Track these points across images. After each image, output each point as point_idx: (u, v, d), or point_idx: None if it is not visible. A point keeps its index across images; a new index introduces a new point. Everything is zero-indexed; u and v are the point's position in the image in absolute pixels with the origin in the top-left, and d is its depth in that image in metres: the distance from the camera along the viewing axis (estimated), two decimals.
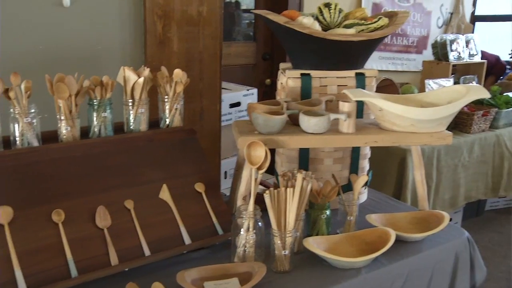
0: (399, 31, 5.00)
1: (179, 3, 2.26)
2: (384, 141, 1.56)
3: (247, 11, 4.12)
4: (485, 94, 1.58)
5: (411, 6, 5.06)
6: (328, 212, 1.58)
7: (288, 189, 1.37)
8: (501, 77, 4.99)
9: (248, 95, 2.84)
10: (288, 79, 1.73)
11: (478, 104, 3.45)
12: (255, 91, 2.86)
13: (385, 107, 1.53)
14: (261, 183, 1.91)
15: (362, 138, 1.55)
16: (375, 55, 4.93)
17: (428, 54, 4.52)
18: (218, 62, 2.49)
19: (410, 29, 5.11)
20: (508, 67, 5.06)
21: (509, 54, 5.95)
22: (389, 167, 2.93)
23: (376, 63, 4.91)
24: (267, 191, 1.35)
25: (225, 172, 2.79)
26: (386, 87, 3.10)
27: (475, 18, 8.36)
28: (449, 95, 1.65)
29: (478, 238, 3.52)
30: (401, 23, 1.74)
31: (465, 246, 1.69)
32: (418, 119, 1.54)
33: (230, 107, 2.78)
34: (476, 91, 1.59)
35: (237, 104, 2.81)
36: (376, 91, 2.92)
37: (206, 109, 2.50)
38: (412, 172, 2.80)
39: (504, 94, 3.69)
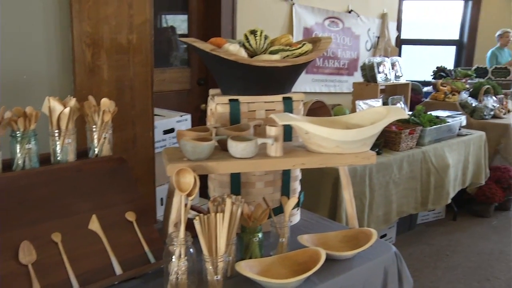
0: (331, 54, 5.19)
1: (108, 31, 2.24)
2: (311, 163, 1.61)
3: (184, 35, 4.15)
4: (403, 115, 1.67)
5: (340, 31, 5.27)
6: (260, 235, 1.60)
7: (218, 214, 1.39)
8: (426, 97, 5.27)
9: (182, 121, 2.84)
10: (217, 105, 1.76)
11: (405, 123, 3.61)
12: (189, 117, 2.86)
13: (311, 130, 1.58)
14: (196, 209, 1.92)
15: (289, 161, 1.59)
16: (308, 77, 5.07)
17: (358, 76, 4.70)
18: (149, 89, 2.48)
19: (341, 52, 5.31)
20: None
21: (431, 76, 6.30)
22: (324, 188, 3.00)
23: (310, 86, 5.06)
24: (197, 217, 1.36)
25: (161, 199, 2.76)
26: (318, 109, 3.19)
27: (401, 42, 8.80)
28: (371, 116, 1.73)
29: (411, 250, 3.67)
30: (324, 48, 1.81)
31: (393, 260, 1.75)
32: (343, 140, 1.60)
33: (164, 134, 2.76)
34: (395, 112, 1.67)
35: (171, 130, 2.80)
36: (309, 113, 3.03)
37: (139, 136, 2.47)
38: None
39: (428, 113, 3.89)
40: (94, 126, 1.60)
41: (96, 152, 1.62)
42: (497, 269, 3.44)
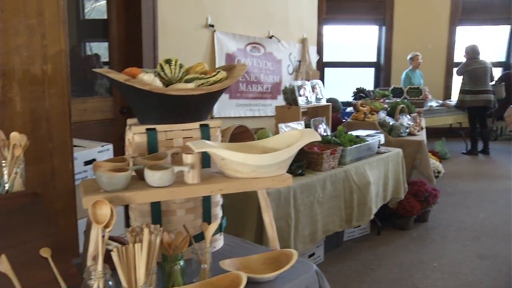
0: (254, 79, 5.30)
1: (19, 62, 2.19)
2: (228, 189, 1.64)
3: (107, 63, 4.10)
4: (316, 138, 1.74)
5: (262, 56, 5.40)
6: (181, 262, 1.60)
7: (136, 244, 1.38)
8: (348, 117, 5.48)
9: (103, 151, 2.80)
10: (134, 135, 1.76)
11: (327, 143, 3.75)
12: (110, 146, 2.82)
13: (227, 156, 1.62)
14: (118, 240, 1.88)
15: (207, 187, 1.61)
16: (233, 102, 5.15)
17: (282, 99, 4.82)
18: (67, 120, 2.43)
19: (263, 76, 5.44)
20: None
21: (352, 96, 6.57)
22: (249, 211, 3.04)
23: (234, 110, 5.13)
24: (114, 249, 1.34)
25: (84, 232, 2.68)
26: (242, 133, 3.24)
27: (323, 65, 9.15)
28: (287, 140, 1.79)
29: (339, 267, 3.76)
30: (239, 75, 1.87)
31: (314, 279, 1.80)
32: (258, 165, 1.65)
33: (85, 165, 2.71)
34: (308, 135, 1.74)
35: (93, 161, 2.75)
36: (232, 138, 3.07)
37: (58, 169, 2.41)
38: None
39: (348, 133, 4.05)
40: (3, 161, 1.55)
41: (6, 188, 1.57)
42: (416, 278, 3.60)
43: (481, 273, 3.69)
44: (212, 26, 4.89)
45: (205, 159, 1.82)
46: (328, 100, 4.71)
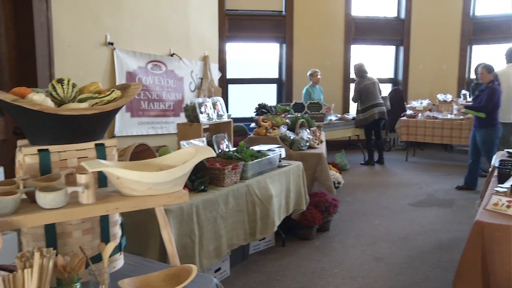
0: (155, 97, 5.27)
1: None
2: (125, 207, 1.64)
3: None
4: (210, 154, 1.79)
5: (164, 73, 5.40)
6: (78, 285, 1.57)
7: (25, 270, 1.34)
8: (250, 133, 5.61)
9: None
10: (25, 156, 1.71)
11: (229, 159, 3.82)
12: (1, 170, 2.69)
13: (122, 175, 1.62)
14: (7, 269, 1.80)
15: (103, 207, 1.60)
16: (135, 121, 5.09)
17: (184, 117, 4.84)
18: None
19: (165, 94, 5.43)
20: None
21: (254, 112, 6.74)
22: (152, 229, 3.01)
23: (137, 129, 5.07)
24: (0, 278, 1.30)
25: None
26: (142, 151, 3.22)
27: (227, 81, 9.29)
28: (182, 157, 1.83)
29: (245, 280, 3.82)
30: (133, 94, 1.88)
31: None
32: (154, 182, 1.67)
33: None
34: (203, 151, 1.79)
35: None
36: (132, 157, 3.04)
37: None
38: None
39: (250, 148, 4.16)
40: None
41: None
42: (319, 285, 3.75)
43: (376, 275, 3.93)
44: (112, 44, 4.82)
45: (101, 179, 1.81)
46: (236, 127, 4.80)
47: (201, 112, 4.13)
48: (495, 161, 3.88)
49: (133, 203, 1.65)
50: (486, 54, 9.77)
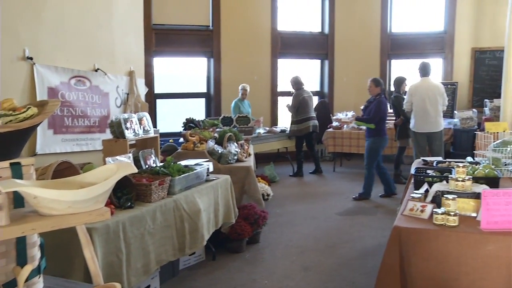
0: (80, 113, 5.14)
1: None
2: (42, 227, 1.60)
3: None
4: (132, 170, 1.78)
5: (88, 89, 5.28)
6: None
7: None
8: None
9: None
10: None
11: (155, 174, 3.79)
12: None
13: (39, 194, 1.58)
14: None
15: (18, 228, 1.55)
16: (58, 138, 4.93)
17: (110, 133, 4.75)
18: None
19: (90, 110, 5.31)
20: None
21: (182, 127, 6.72)
22: (77, 249, 2.92)
23: (60, 146, 4.92)
24: None
25: None
26: (66, 169, 3.13)
27: (155, 96, 9.21)
28: (104, 174, 1.80)
29: None
30: (51, 111, 1.84)
31: None
32: (74, 200, 1.63)
33: None
34: (124, 168, 1.78)
35: None
36: (55, 175, 2.95)
37: None
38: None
39: (178, 163, 4.14)
40: None
41: None
42: None
43: (305, 283, 4.02)
44: (31, 58, 4.66)
45: (18, 199, 1.75)
46: (167, 147, 4.74)
47: (127, 128, 4.08)
48: (412, 169, 4.10)
49: (51, 223, 1.61)
50: (403, 68, 10.30)
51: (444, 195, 2.88)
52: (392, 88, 8.63)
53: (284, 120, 9.90)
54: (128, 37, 6.33)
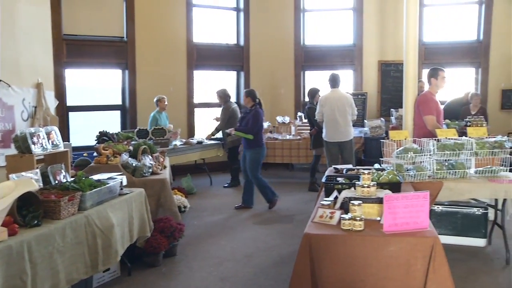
0: None
1: None
2: None
3: None
4: (32, 186, 1.72)
5: None
6: None
7: None
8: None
9: None
10: None
11: (65, 190, 3.65)
12: None
13: None
14: None
15: None
16: None
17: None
18: None
19: None
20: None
21: (95, 140, 6.54)
22: None
23: None
24: None
25: None
26: None
27: (68, 109, 8.89)
28: (2, 191, 1.73)
29: None
30: None
31: None
32: None
33: None
34: (24, 184, 1.72)
35: None
36: None
37: None
38: None
39: (89, 177, 4.02)
40: None
41: None
42: None
43: None
44: None
45: None
46: (80, 161, 4.56)
47: (34, 143, 3.91)
48: (323, 177, 4.24)
49: None
50: (318, 79, 10.67)
51: (351, 201, 3.03)
52: (307, 99, 8.90)
53: (201, 132, 9.89)
54: (35, 47, 6.06)
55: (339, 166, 4.95)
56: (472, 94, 8.75)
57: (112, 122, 9.57)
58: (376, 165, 4.76)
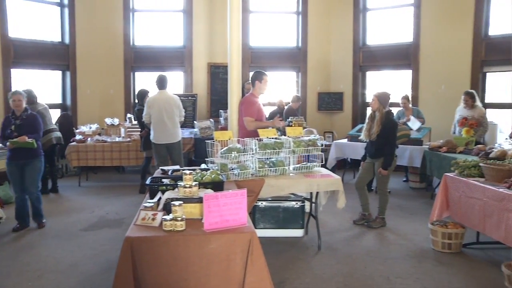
0: None
1: None
2: None
3: None
4: None
5: None
6: None
7: None
8: None
9: None
10: None
11: None
12: None
13: None
14: None
15: None
16: None
17: None
18: None
19: None
20: None
21: None
22: None
23: None
24: None
25: None
26: None
27: None
28: None
29: None
30: None
31: None
32: None
33: None
34: None
35: None
36: None
37: None
38: None
39: None
40: None
41: None
42: None
43: None
44: None
45: None
46: None
47: None
48: (148, 179, 4.19)
49: None
50: (148, 81, 10.51)
51: (172, 202, 3.06)
52: (136, 101, 8.74)
53: None
54: None
55: (166, 168, 4.97)
56: (294, 96, 9.59)
57: None
58: (203, 165, 4.88)
